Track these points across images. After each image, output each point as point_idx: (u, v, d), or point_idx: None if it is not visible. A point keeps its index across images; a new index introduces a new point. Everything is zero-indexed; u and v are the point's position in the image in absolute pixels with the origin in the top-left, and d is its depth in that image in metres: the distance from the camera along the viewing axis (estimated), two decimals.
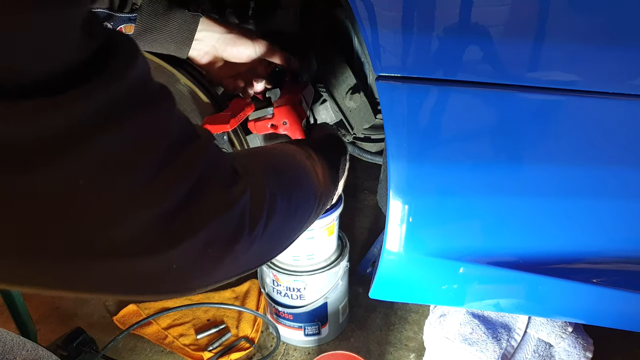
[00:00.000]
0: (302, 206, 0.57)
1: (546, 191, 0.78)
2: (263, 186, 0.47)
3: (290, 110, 0.86)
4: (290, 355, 1.26)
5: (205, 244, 0.37)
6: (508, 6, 0.64)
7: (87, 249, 0.30)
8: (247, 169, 0.46)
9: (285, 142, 0.71)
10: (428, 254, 0.85)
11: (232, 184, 0.41)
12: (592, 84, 0.68)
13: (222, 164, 0.42)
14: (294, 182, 0.56)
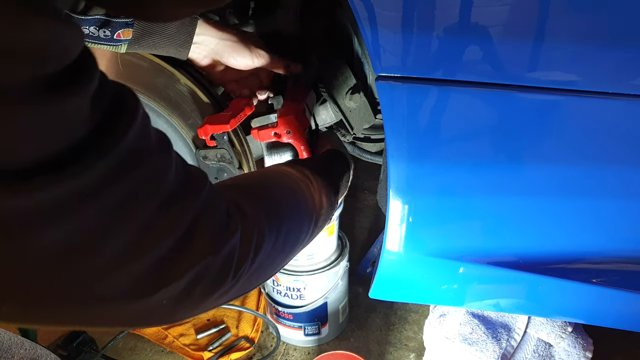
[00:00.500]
0: (293, 235, 0.58)
1: (546, 191, 0.78)
2: (253, 225, 0.48)
3: (294, 120, 0.87)
4: (290, 355, 1.26)
5: (192, 284, 0.39)
6: (508, 6, 0.65)
7: (83, 296, 0.33)
8: (240, 208, 0.48)
9: (282, 164, 0.71)
10: (428, 254, 0.85)
11: (224, 226, 0.43)
12: (592, 84, 0.68)
13: (215, 205, 0.43)
14: (287, 212, 0.58)
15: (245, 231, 0.46)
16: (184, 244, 0.38)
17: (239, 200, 0.49)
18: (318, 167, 0.73)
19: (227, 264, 0.43)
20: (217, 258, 0.41)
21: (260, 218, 0.50)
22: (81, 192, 0.30)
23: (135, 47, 0.77)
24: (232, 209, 0.46)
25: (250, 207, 0.50)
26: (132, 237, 0.34)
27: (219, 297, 0.44)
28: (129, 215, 0.33)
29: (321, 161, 0.80)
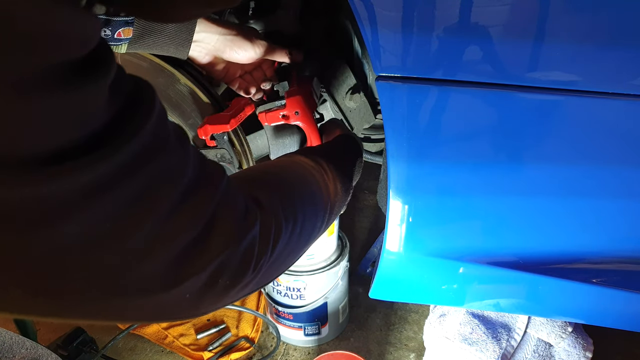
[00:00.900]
0: (309, 224, 0.58)
1: (546, 191, 0.78)
2: (270, 216, 0.48)
3: (303, 100, 0.85)
4: (290, 355, 1.26)
5: (215, 276, 0.39)
6: (508, 6, 0.65)
7: (105, 288, 0.33)
8: (257, 199, 0.48)
9: (294, 153, 0.70)
10: (428, 254, 0.85)
11: (242, 218, 0.43)
12: (592, 84, 0.68)
13: (233, 197, 0.43)
14: (302, 202, 0.58)
15: (263, 222, 0.46)
16: (205, 236, 0.38)
17: (255, 192, 0.49)
18: (330, 154, 0.73)
19: (248, 256, 0.43)
20: (238, 250, 0.42)
21: (277, 209, 0.50)
22: (100, 182, 0.29)
23: (136, 46, 0.77)
24: (249, 200, 0.46)
25: (267, 199, 0.50)
26: (152, 229, 0.33)
27: (241, 289, 0.44)
28: (149, 207, 0.33)
29: (333, 148, 0.79)
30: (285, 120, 0.87)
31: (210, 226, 0.38)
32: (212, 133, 0.88)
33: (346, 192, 0.70)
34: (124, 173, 0.31)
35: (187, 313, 0.41)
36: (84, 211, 0.29)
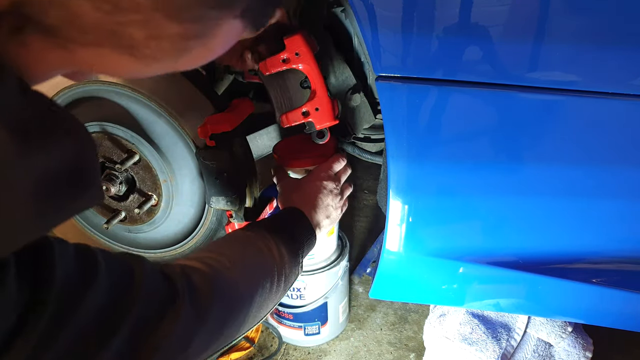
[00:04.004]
0: (252, 293, 0.63)
1: (546, 191, 0.78)
2: (197, 298, 0.53)
3: (302, 38, 0.81)
4: (291, 355, 1.26)
5: None
6: (508, 6, 0.65)
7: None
8: (185, 287, 0.52)
9: (242, 229, 0.74)
10: (428, 254, 0.85)
11: (165, 317, 0.48)
12: (592, 84, 0.68)
13: (154, 298, 0.47)
14: (242, 275, 0.62)
15: (184, 312, 0.50)
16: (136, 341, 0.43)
17: (187, 278, 0.53)
18: (274, 226, 0.75)
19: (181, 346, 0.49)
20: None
21: (213, 281, 0.55)
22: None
23: None
24: (176, 282, 0.50)
25: (200, 276, 0.55)
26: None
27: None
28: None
29: (280, 219, 0.80)
30: (286, 65, 0.83)
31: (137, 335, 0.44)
32: (212, 133, 0.88)
33: (294, 258, 0.73)
34: (47, 346, 0.35)
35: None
36: None
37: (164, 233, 1.22)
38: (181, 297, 0.50)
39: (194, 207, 1.17)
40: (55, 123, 0.30)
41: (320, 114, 0.86)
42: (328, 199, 0.85)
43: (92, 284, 0.40)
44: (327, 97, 0.85)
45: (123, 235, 1.29)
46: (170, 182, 1.12)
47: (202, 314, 0.53)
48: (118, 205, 1.17)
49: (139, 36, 0.31)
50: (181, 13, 0.31)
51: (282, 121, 0.87)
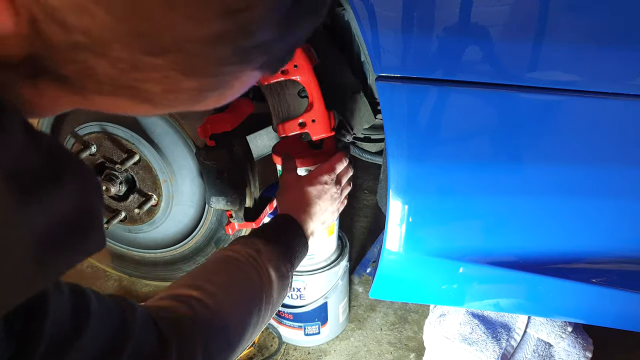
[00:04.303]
0: (241, 322, 0.63)
1: (545, 191, 0.78)
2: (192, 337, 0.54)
3: (302, 51, 0.82)
4: (291, 355, 1.26)
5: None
6: (508, 6, 0.65)
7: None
8: (177, 325, 0.53)
9: (231, 245, 0.72)
10: (428, 254, 0.85)
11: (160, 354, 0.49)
12: (592, 84, 0.68)
13: (144, 351, 0.47)
14: (229, 305, 0.62)
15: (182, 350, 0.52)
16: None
17: (177, 326, 0.54)
18: (269, 235, 0.74)
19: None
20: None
21: (199, 329, 0.56)
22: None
23: None
24: (166, 332, 0.52)
25: (188, 323, 0.55)
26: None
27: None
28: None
29: (273, 231, 0.77)
30: (285, 76, 0.84)
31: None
32: (212, 133, 0.88)
33: (282, 277, 0.71)
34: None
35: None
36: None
37: (164, 233, 1.23)
38: (171, 350, 0.50)
39: (194, 207, 1.17)
40: (60, 167, 0.29)
41: (317, 126, 0.87)
42: (326, 204, 0.83)
43: (82, 336, 0.40)
44: (324, 109, 0.86)
45: (123, 235, 1.29)
46: (170, 182, 1.12)
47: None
48: (118, 205, 1.17)
49: (156, 90, 0.30)
50: (200, 71, 0.30)
51: (279, 130, 0.88)
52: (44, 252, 0.28)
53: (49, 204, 0.28)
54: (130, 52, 0.27)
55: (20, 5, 0.23)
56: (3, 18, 0.24)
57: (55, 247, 0.29)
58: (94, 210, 0.32)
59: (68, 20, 0.25)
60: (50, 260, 0.29)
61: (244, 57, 0.31)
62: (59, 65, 0.27)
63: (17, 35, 0.25)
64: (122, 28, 0.26)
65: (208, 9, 0.26)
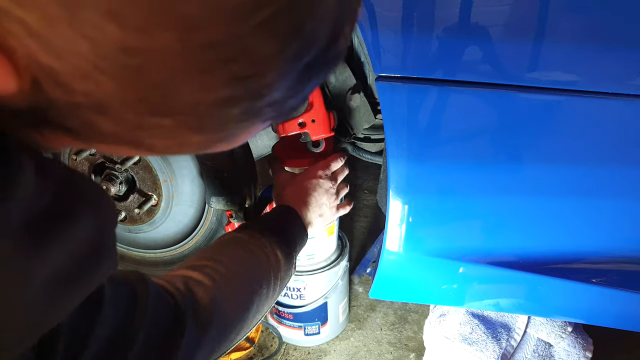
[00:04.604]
0: (250, 297, 0.65)
1: (545, 191, 0.78)
2: (204, 311, 0.55)
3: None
4: (290, 355, 1.26)
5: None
6: (508, 7, 0.65)
7: None
8: (190, 301, 0.54)
9: (236, 230, 0.74)
10: (428, 254, 0.85)
11: (172, 335, 0.50)
12: (592, 84, 0.68)
13: (159, 322, 0.48)
14: (240, 280, 0.64)
15: (195, 325, 0.53)
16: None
17: (191, 295, 0.55)
18: (271, 224, 0.76)
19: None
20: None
21: (213, 295, 0.57)
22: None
23: None
24: (181, 301, 0.53)
25: (203, 289, 0.57)
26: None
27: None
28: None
29: (273, 218, 0.80)
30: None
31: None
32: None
33: (288, 259, 0.74)
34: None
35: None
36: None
37: (164, 233, 1.23)
38: (185, 317, 0.51)
39: (194, 207, 1.17)
40: (72, 200, 0.29)
41: (317, 126, 0.87)
42: (323, 198, 0.85)
43: (98, 318, 0.40)
44: (324, 109, 0.87)
45: (123, 235, 1.29)
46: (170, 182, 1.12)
47: (205, 331, 0.54)
48: (118, 205, 1.17)
49: (161, 145, 0.30)
50: (208, 129, 0.29)
51: (278, 130, 0.89)
52: (58, 290, 0.28)
53: (63, 242, 0.27)
54: (135, 113, 0.26)
55: (23, 67, 0.23)
56: (6, 80, 0.23)
57: (69, 283, 0.29)
58: (108, 238, 0.31)
59: (71, 84, 0.24)
60: (64, 296, 0.29)
61: (254, 115, 0.30)
62: (62, 119, 0.27)
63: (20, 92, 0.24)
64: (128, 94, 0.25)
65: (216, 77, 0.25)
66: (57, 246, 0.27)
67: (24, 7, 0.21)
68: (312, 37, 0.27)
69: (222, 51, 0.24)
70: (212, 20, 0.23)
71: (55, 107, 0.25)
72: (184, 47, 0.23)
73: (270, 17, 0.24)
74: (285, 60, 0.27)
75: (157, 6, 0.22)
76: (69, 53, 0.23)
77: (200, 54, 0.24)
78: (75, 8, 0.21)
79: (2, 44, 0.22)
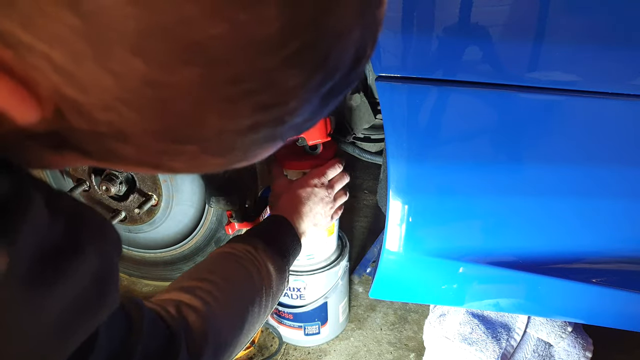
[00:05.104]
0: (243, 314, 0.65)
1: (545, 191, 0.78)
2: (198, 329, 0.56)
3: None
4: (290, 355, 1.26)
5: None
6: (507, 7, 0.65)
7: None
8: (183, 322, 0.55)
9: (228, 243, 0.74)
10: (428, 254, 0.85)
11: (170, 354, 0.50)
12: (592, 84, 0.68)
13: (157, 347, 0.48)
14: (232, 297, 0.64)
15: (189, 342, 0.53)
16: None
17: (184, 322, 0.55)
18: (264, 236, 0.75)
19: None
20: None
21: (206, 319, 0.57)
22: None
23: None
24: (174, 325, 0.53)
25: (195, 314, 0.56)
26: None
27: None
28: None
29: (267, 229, 0.79)
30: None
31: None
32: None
33: (280, 273, 0.74)
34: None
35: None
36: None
37: (164, 233, 1.23)
38: (179, 343, 0.51)
39: (194, 207, 1.17)
40: (78, 233, 0.29)
41: (313, 131, 0.88)
42: (317, 207, 0.85)
43: (94, 346, 0.39)
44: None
45: (123, 235, 1.29)
46: (170, 182, 1.12)
47: (197, 357, 0.54)
48: (118, 205, 1.17)
49: (182, 167, 0.30)
50: (229, 152, 0.30)
51: None
52: (68, 324, 0.28)
53: (73, 277, 0.28)
54: (158, 141, 0.26)
55: (46, 99, 0.23)
56: (28, 112, 0.23)
57: (78, 316, 0.29)
58: (111, 272, 0.31)
59: (94, 115, 0.24)
60: (73, 330, 0.29)
61: (275, 138, 0.31)
62: (82, 144, 0.27)
63: (41, 121, 0.24)
64: (151, 124, 0.25)
65: (240, 107, 0.25)
66: (68, 281, 0.27)
67: (49, 43, 0.21)
68: (335, 66, 0.27)
69: (247, 84, 0.24)
70: (236, 55, 0.23)
71: (76, 133, 0.26)
72: (208, 81, 0.23)
73: (296, 52, 0.24)
74: (310, 89, 0.27)
75: (181, 42, 0.22)
76: (94, 87, 0.23)
77: (225, 87, 0.24)
78: (101, 44, 0.21)
79: (25, 77, 0.22)
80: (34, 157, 0.29)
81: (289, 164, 0.97)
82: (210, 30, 0.22)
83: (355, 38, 0.27)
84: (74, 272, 0.28)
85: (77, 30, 0.21)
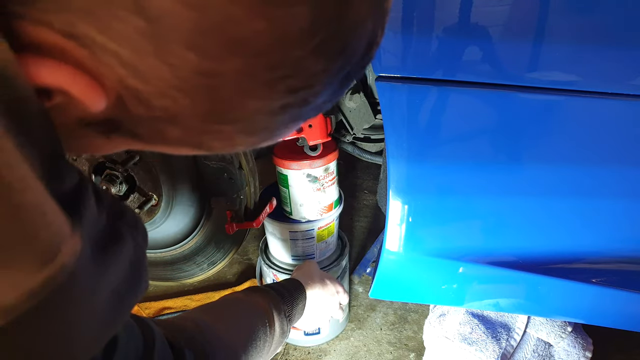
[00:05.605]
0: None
1: (545, 191, 0.78)
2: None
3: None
4: (291, 355, 1.26)
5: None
6: (507, 7, 0.65)
7: None
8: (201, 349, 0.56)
9: (243, 292, 0.75)
10: (428, 254, 0.85)
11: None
12: (592, 84, 0.68)
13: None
14: (241, 344, 0.65)
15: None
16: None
17: (192, 337, 0.56)
18: (279, 292, 0.77)
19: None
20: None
21: (210, 345, 0.58)
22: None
23: None
24: (182, 353, 0.54)
25: (199, 340, 0.57)
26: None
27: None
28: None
29: (281, 288, 0.81)
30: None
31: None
32: None
33: (282, 333, 0.75)
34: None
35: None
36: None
37: (164, 233, 1.23)
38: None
39: (194, 207, 1.17)
40: (118, 222, 0.32)
41: (314, 131, 0.88)
42: (325, 298, 0.87)
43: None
44: (321, 115, 0.87)
45: None
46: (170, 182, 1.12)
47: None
48: None
49: (219, 146, 0.34)
50: (262, 132, 0.34)
51: None
52: (117, 302, 0.31)
53: (117, 258, 0.31)
54: (202, 122, 0.30)
55: (110, 89, 0.27)
56: (98, 102, 0.27)
57: (123, 296, 0.32)
58: (143, 259, 0.35)
59: (151, 102, 0.28)
60: (121, 309, 0.32)
61: (299, 118, 0.35)
62: (134, 127, 0.31)
63: (105, 108, 0.28)
64: (199, 108, 0.29)
65: (274, 91, 0.30)
66: (114, 262, 0.31)
67: (118, 42, 0.25)
68: (352, 53, 0.32)
69: (282, 71, 0.29)
70: (273, 46, 0.27)
71: (132, 119, 0.30)
72: (249, 69, 0.28)
73: (322, 42, 0.28)
74: (331, 74, 0.31)
75: (228, 37, 0.26)
76: (153, 77, 0.27)
77: (264, 73, 0.28)
78: (161, 42, 0.25)
79: (95, 71, 0.26)
80: (82, 143, 0.33)
81: (289, 163, 0.97)
82: (252, 26, 0.26)
83: (368, 27, 0.32)
84: (119, 254, 0.31)
85: (142, 31, 0.25)
